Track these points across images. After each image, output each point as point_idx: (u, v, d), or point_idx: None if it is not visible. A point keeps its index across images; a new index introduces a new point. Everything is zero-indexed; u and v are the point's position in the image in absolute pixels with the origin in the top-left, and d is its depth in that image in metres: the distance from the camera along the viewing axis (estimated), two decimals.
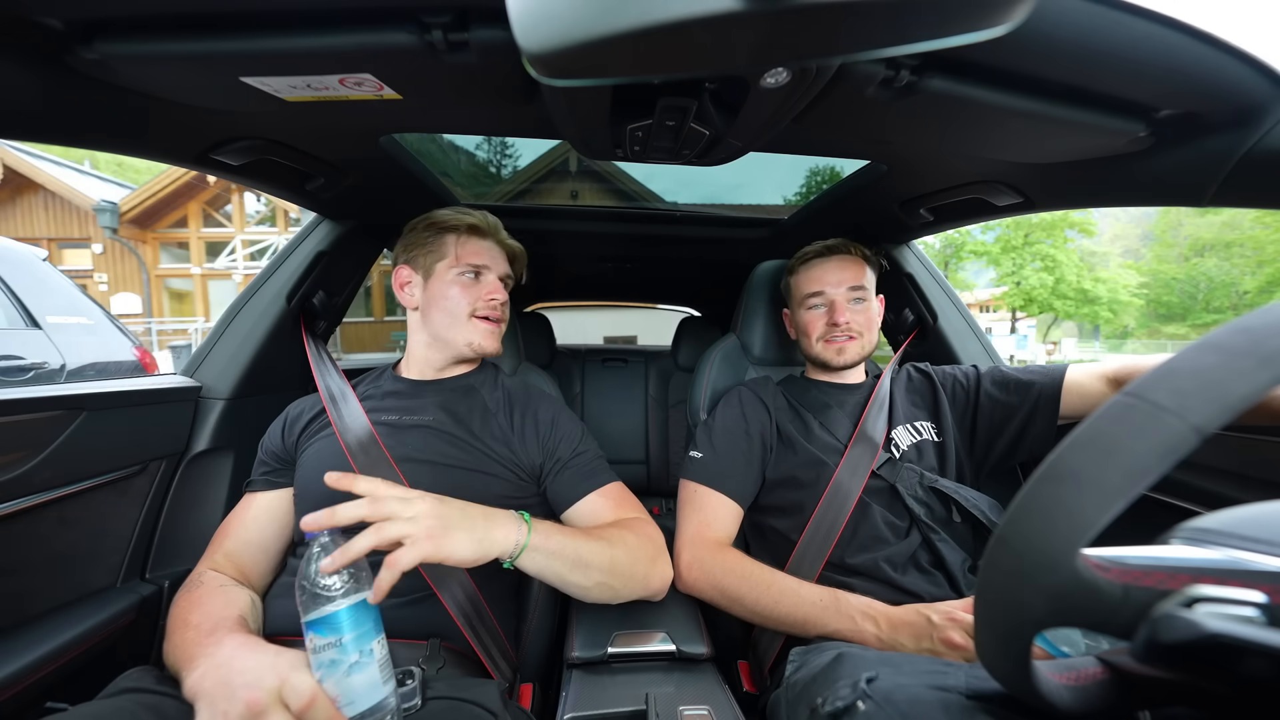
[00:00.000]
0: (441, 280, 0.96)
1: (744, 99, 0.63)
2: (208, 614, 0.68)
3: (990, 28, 0.34)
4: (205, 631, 0.64)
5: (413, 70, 0.60)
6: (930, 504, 0.93)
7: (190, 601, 0.71)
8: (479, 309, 0.96)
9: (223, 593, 0.74)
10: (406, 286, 0.99)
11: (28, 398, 0.79)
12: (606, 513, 0.88)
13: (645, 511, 0.92)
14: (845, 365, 1.06)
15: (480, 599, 0.82)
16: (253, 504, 0.89)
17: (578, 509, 0.89)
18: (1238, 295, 23.85)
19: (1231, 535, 0.35)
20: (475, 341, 0.96)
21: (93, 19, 0.54)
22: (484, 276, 0.98)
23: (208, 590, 0.74)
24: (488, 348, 0.98)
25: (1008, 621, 0.36)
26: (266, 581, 0.87)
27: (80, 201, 12.68)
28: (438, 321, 0.96)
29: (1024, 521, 0.34)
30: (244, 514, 0.89)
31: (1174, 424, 0.31)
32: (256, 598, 0.79)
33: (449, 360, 0.99)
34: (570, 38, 0.32)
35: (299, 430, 0.94)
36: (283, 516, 0.90)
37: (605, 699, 0.72)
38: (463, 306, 0.95)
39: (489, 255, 0.98)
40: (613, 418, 2.14)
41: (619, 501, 0.91)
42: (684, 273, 2.19)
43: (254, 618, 0.74)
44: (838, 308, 1.04)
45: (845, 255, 1.07)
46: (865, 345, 1.06)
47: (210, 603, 0.71)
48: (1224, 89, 0.58)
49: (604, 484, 0.92)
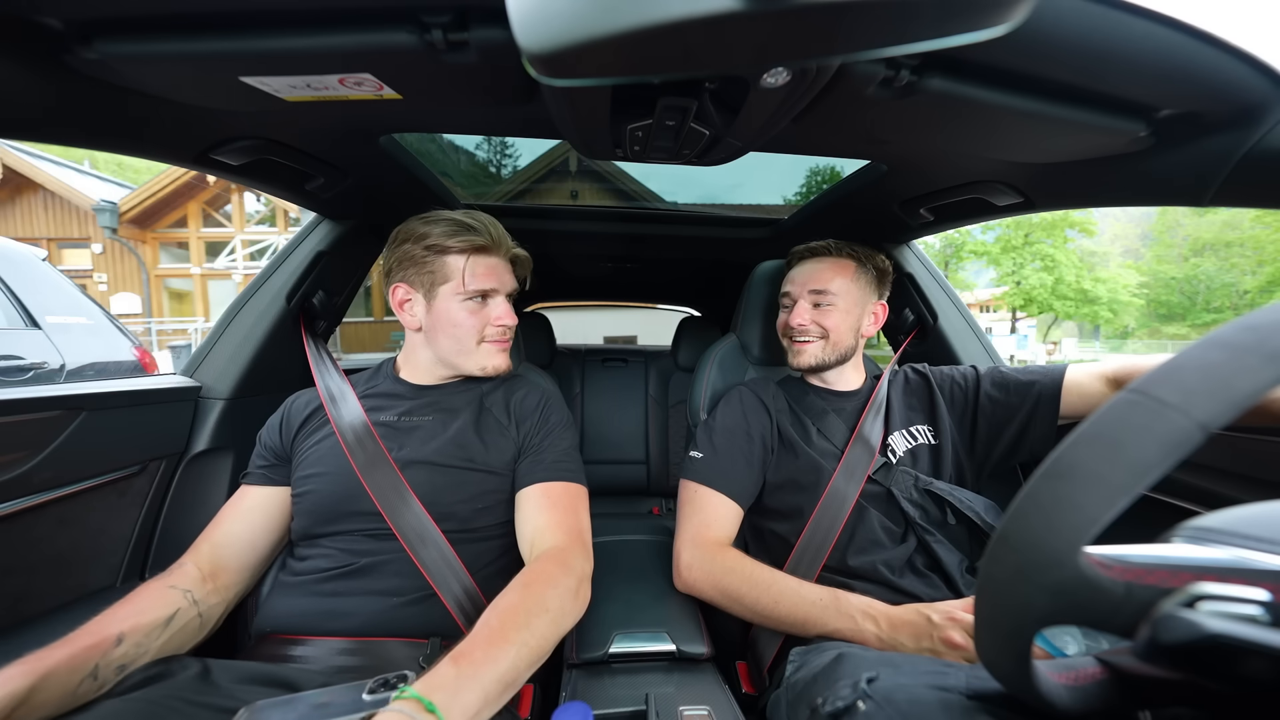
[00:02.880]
0: (447, 304, 0.90)
1: (744, 99, 0.62)
2: (76, 637, 0.63)
3: (990, 28, 0.34)
4: (52, 649, 0.60)
5: (413, 70, 0.60)
6: (925, 507, 0.93)
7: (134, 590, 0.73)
8: (489, 335, 0.93)
9: (141, 598, 0.72)
10: (406, 305, 0.93)
11: (28, 398, 0.80)
12: (539, 512, 0.84)
13: (580, 519, 0.86)
14: (803, 369, 1.06)
15: (481, 598, 0.82)
16: (246, 497, 0.89)
17: (520, 497, 0.88)
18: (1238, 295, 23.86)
19: (1234, 534, 0.35)
20: (487, 365, 0.94)
21: (93, 19, 0.54)
22: (492, 299, 0.93)
23: (146, 586, 0.74)
24: (501, 367, 0.96)
25: (1009, 619, 0.36)
26: (248, 576, 0.86)
27: (80, 201, 12.67)
28: (445, 347, 0.93)
29: (1027, 518, 0.34)
30: (237, 506, 0.88)
31: (1179, 420, 0.31)
32: (188, 610, 0.74)
33: (454, 374, 0.99)
34: (570, 38, 0.32)
35: (296, 427, 0.93)
36: (275, 515, 0.89)
37: (605, 699, 0.72)
38: (471, 334, 0.91)
39: (497, 276, 0.92)
40: (613, 418, 2.14)
41: (556, 502, 0.85)
42: (684, 273, 2.19)
43: (155, 633, 0.69)
44: (796, 309, 1.04)
45: (823, 257, 1.05)
46: (828, 350, 1.03)
47: (121, 604, 0.69)
48: (1224, 89, 0.58)
49: (554, 480, 0.88)
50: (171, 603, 0.73)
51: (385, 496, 0.83)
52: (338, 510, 0.84)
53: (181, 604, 0.73)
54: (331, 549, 0.84)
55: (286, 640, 0.78)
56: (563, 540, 0.80)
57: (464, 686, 0.55)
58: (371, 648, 0.76)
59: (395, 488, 0.84)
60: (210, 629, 0.79)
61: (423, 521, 0.83)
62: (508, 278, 0.95)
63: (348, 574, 0.82)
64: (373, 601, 0.80)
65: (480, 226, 0.91)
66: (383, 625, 0.78)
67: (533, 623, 0.64)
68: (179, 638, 0.72)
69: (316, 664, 0.74)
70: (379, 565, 0.82)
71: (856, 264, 1.05)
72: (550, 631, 0.66)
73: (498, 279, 0.92)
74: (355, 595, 0.80)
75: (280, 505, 0.90)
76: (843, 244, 1.06)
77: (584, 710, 0.62)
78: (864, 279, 1.05)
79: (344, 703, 0.59)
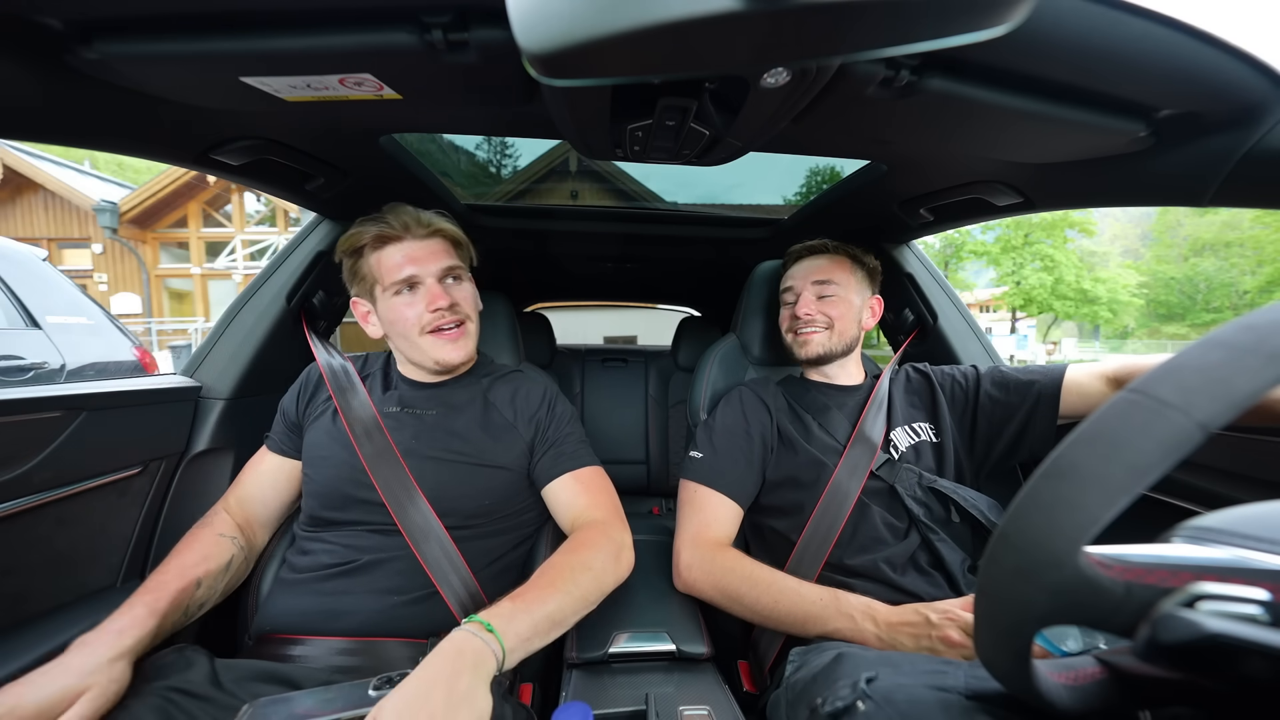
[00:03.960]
0: (386, 304, 0.89)
1: (744, 99, 0.62)
2: (162, 579, 0.76)
3: (990, 28, 0.34)
4: (144, 592, 0.73)
5: (413, 70, 0.60)
6: (929, 504, 0.93)
7: (187, 542, 0.83)
8: (426, 324, 0.89)
9: (201, 546, 0.83)
10: (369, 317, 0.94)
11: (28, 398, 0.79)
12: (578, 496, 0.91)
13: (613, 497, 0.94)
14: (811, 359, 1.07)
15: (483, 597, 0.82)
16: (264, 459, 0.97)
17: (553, 487, 0.92)
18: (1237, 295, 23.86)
19: (1233, 534, 0.35)
20: (439, 358, 0.91)
21: (93, 19, 0.54)
22: (419, 286, 0.89)
23: (199, 537, 0.85)
24: (453, 360, 0.92)
25: (1009, 618, 0.36)
26: (267, 531, 0.96)
27: (80, 201, 12.67)
28: (401, 347, 0.95)
29: (1027, 518, 0.34)
30: (258, 465, 0.96)
31: (1179, 420, 0.31)
32: (239, 554, 0.87)
33: (441, 371, 0.97)
34: (570, 38, 0.32)
35: (306, 400, 0.98)
36: (284, 483, 0.95)
37: (605, 699, 0.72)
38: (412, 327, 0.89)
39: (413, 259, 0.87)
40: (613, 418, 2.14)
41: (589, 486, 0.92)
42: (684, 273, 2.19)
43: (220, 576, 0.83)
44: (801, 300, 1.06)
45: (821, 254, 1.09)
46: (834, 339, 1.05)
47: (186, 553, 0.81)
48: (1224, 89, 0.58)
49: (581, 466, 0.94)
50: (227, 550, 0.85)
51: (391, 491, 0.84)
52: (347, 496, 0.86)
53: (234, 550, 0.86)
54: (335, 544, 0.84)
55: (286, 640, 0.78)
56: (602, 516, 0.88)
57: (517, 617, 0.65)
58: (371, 647, 0.76)
59: (402, 483, 0.85)
60: (250, 567, 0.92)
61: (428, 518, 0.83)
62: (431, 258, 0.89)
63: (350, 571, 0.82)
64: (374, 600, 0.80)
65: (383, 216, 0.89)
66: (383, 625, 0.78)
67: (578, 577, 0.74)
68: (235, 578, 0.87)
69: (316, 663, 0.74)
70: (382, 563, 0.82)
71: (851, 260, 1.09)
72: (593, 586, 0.75)
73: (415, 263, 0.88)
74: (356, 594, 0.80)
75: (292, 476, 0.96)
76: (838, 243, 1.10)
77: (584, 710, 0.62)
78: (860, 273, 1.09)
79: (349, 698, 0.60)
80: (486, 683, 0.57)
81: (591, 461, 0.96)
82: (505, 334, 1.19)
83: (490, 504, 0.89)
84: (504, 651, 0.61)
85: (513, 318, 1.22)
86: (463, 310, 0.92)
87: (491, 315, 1.17)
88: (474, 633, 0.60)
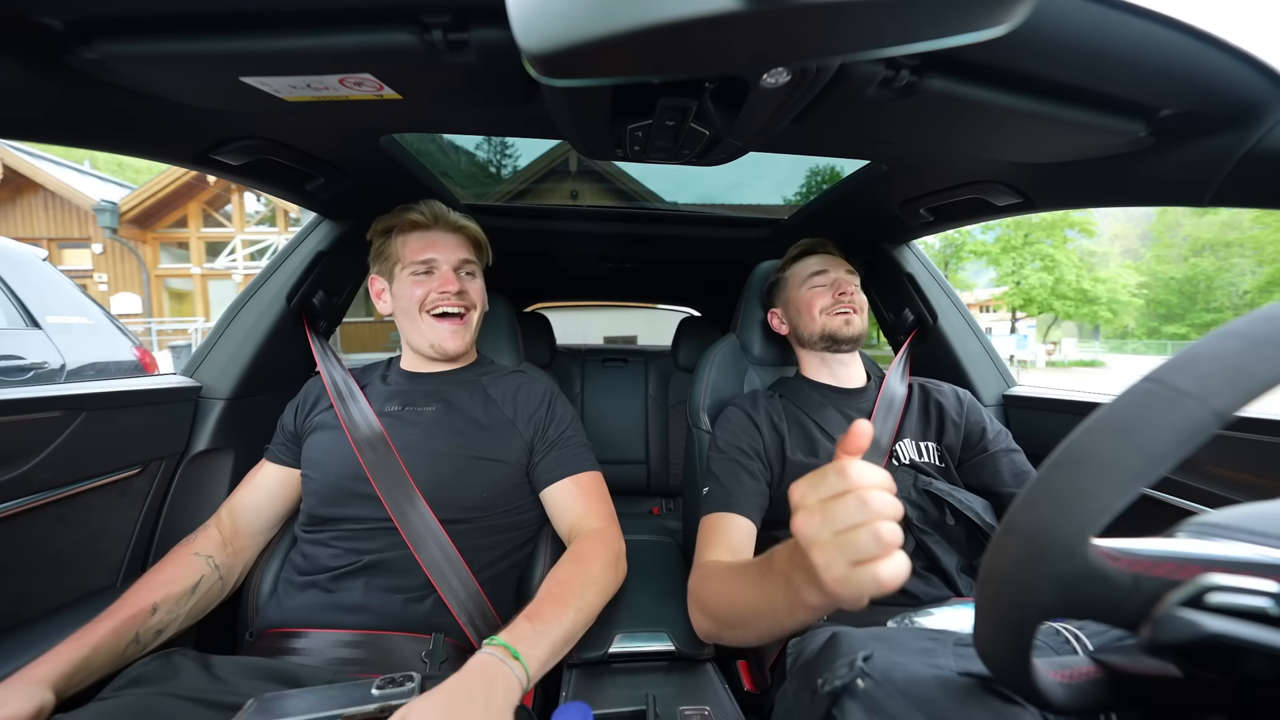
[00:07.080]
0: (400, 283, 0.95)
1: (744, 99, 0.62)
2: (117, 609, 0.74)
3: (990, 28, 0.34)
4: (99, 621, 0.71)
5: (413, 70, 0.60)
6: (924, 507, 0.93)
7: (165, 559, 0.84)
8: (432, 304, 0.94)
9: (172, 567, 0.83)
10: (382, 294, 1.00)
11: (28, 398, 0.79)
12: (576, 501, 0.92)
13: (609, 504, 0.95)
14: (850, 338, 1.06)
15: (483, 597, 0.83)
16: (262, 470, 0.97)
17: (552, 491, 0.94)
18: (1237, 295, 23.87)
19: (1240, 530, 0.34)
20: (435, 342, 0.95)
21: (92, 19, 0.54)
22: (435, 271, 0.95)
23: (174, 556, 0.85)
24: (449, 348, 0.96)
25: (1012, 610, 0.35)
26: (260, 541, 0.96)
27: (80, 201, 12.68)
28: (402, 325, 0.98)
29: (1037, 507, 0.33)
30: (255, 477, 0.97)
31: (1195, 408, 0.30)
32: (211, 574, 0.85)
33: (440, 359, 0.99)
34: (570, 38, 0.32)
35: (306, 411, 0.98)
36: (281, 493, 0.96)
37: (605, 699, 0.72)
38: (414, 303, 0.94)
39: (435, 247, 0.95)
40: (613, 418, 2.14)
41: (588, 492, 0.94)
42: (684, 273, 2.19)
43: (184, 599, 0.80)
44: (841, 282, 1.07)
45: (829, 253, 1.14)
46: (864, 325, 1.08)
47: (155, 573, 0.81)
48: (1224, 89, 0.58)
49: (580, 471, 0.95)
50: (196, 570, 0.83)
51: (391, 495, 0.84)
52: (345, 490, 0.86)
53: (205, 570, 0.84)
54: (337, 546, 0.84)
55: (287, 634, 0.78)
56: (599, 524, 0.90)
57: (538, 640, 0.66)
58: (374, 641, 0.76)
59: (401, 487, 0.85)
60: (231, 588, 0.90)
61: (426, 519, 0.83)
62: (452, 249, 0.97)
63: (353, 572, 0.82)
64: (377, 597, 0.80)
65: (418, 207, 0.97)
66: (387, 620, 0.79)
67: (586, 594, 0.76)
68: (204, 600, 0.84)
69: (317, 657, 0.75)
70: (383, 562, 0.82)
71: (847, 259, 1.13)
72: (598, 601, 0.78)
73: (437, 249, 0.95)
74: (359, 591, 0.81)
75: (291, 485, 0.96)
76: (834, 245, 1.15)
77: (584, 710, 0.62)
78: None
79: (352, 696, 0.60)
80: (513, 710, 0.59)
81: (591, 466, 0.97)
82: (505, 334, 1.19)
83: (488, 497, 0.89)
84: (528, 679, 0.62)
85: (513, 318, 1.22)
86: (469, 299, 0.98)
87: (491, 315, 1.17)
88: (502, 659, 0.62)
